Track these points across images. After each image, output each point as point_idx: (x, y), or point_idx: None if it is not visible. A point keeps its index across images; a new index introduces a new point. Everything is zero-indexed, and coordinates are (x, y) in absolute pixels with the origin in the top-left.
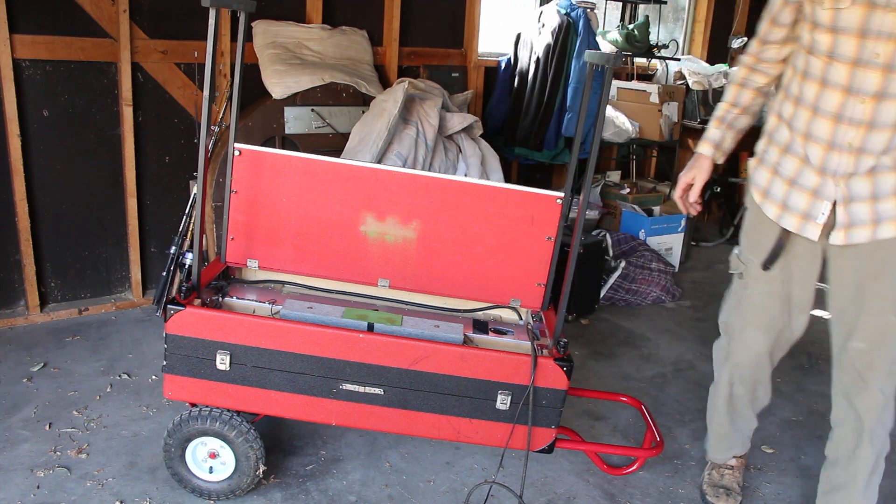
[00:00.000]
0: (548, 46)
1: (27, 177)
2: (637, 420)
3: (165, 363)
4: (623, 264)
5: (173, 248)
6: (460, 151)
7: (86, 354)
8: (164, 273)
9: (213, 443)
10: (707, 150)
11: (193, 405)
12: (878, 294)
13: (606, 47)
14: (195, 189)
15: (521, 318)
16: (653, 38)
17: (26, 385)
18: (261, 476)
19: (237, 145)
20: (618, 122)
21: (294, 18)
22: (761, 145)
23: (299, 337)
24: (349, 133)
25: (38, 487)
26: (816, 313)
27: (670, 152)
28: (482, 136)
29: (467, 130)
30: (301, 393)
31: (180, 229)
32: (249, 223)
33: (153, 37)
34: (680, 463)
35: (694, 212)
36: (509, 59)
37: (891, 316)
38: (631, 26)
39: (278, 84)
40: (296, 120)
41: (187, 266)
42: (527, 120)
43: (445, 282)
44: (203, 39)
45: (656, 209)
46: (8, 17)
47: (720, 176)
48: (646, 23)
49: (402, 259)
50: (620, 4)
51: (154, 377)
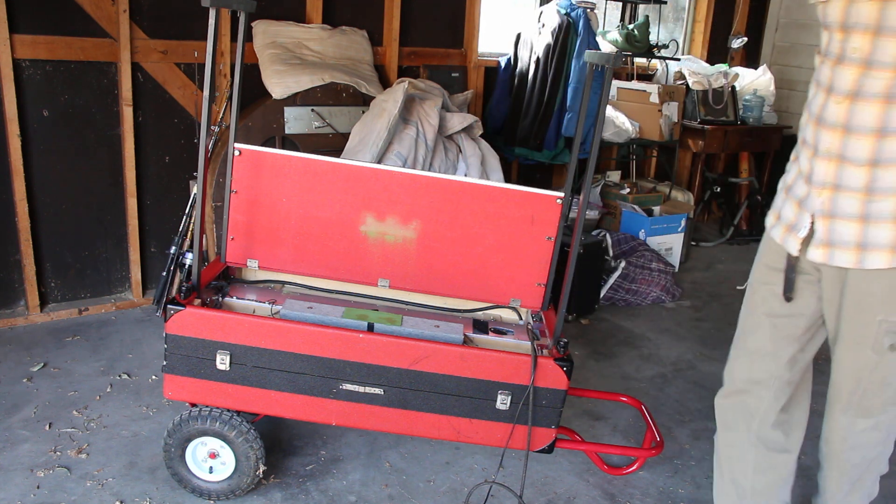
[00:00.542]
0: (548, 46)
1: (27, 177)
2: (637, 420)
3: (165, 363)
4: (623, 264)
5: (173, 248)
6: (460, 151)
7: (86, 354)
8: (164, 273)
9: (213, 443)
10: None
11: (193, 405)
12: (857, 326)
13: (606, 47)
14: (195, 189)
15: (521, 318)
16: (653, 38)
17: (26, 385)
18: (261, 476)
19: (237, 145)
20: (618, 122)
21: (294, 18)
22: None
23: (299, 337)
24: (349, 133)
25: (38, 487)
26: None
27: (670, 152)
28: (482, 136)
29: (467, 130)
30: (301, 393)
31: (180, 229)
32: (249, 223)
33: (153, 37)
34: (680, 463)
35: None
36: (509, 59)
37: (867, 351)
38: (631, 26)
39: (278, 84)
40: (296, 120)
41: (187, 266)
42: (527, 120)
43: (445, 282)
44: (203, 39)
45: (656, 209)
46: (8, 17)
47: (720, 176)
48: (646, 23)
49: (402, 259)
50: (620, 4)
51: (154, 377)
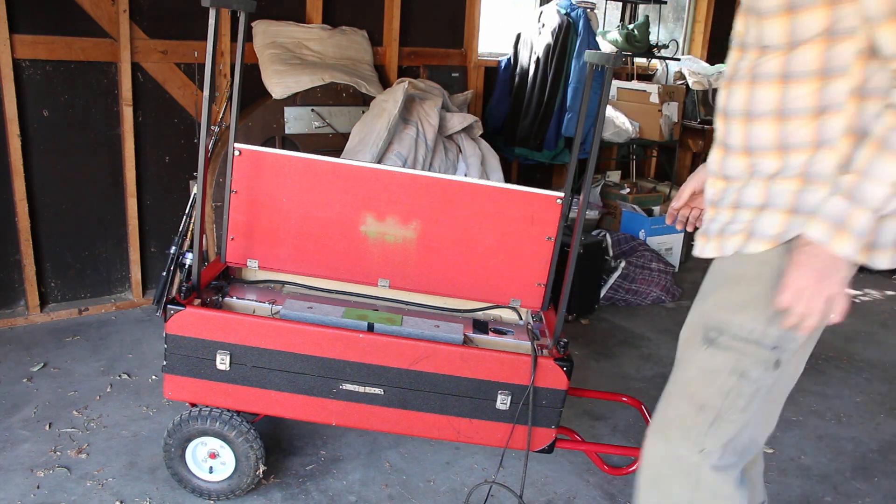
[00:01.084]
0: (548, 46)
1: (27, 177)
2: (637, 420)
3: (165, 363)
4: (623, 264)
5: (173, 248)
6: (460, 151)
7: (86, 354)
8: (164, 273)
9: (213, 443)
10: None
11: (193, 405)
12: (694, 314)
13: (606, 47)
14: (195, 189)
15: (521, 318)
16: (653, 38)
17: (26, 385)
18: (261, 476)
19: (237, 145)
20: (618, 122)
21: (294, 18)
22: None
23: (299, 337)
24: (349, 133)
25: (38, 487)
26: None
27: (670, 152)
28: (482, 136)
29: (467, 130)
30: (301, 393)
31: (180, 229)
32: (249, 223)
33: (153, 37)
34: None
35: (680, 226)
36: (509, 59)
37: (687, 350)
38: (631, 26)
39: (278, 84)
40: (296, 120)
41: (187, 266)
42: (527, 120)
43: (445, 282)
44: (203, 39)
45: (656, 209)
46: (8, 17)
47: None
48: (646, 23)
49: (402, 259)
50: (620, 4)
51: (154, 377)
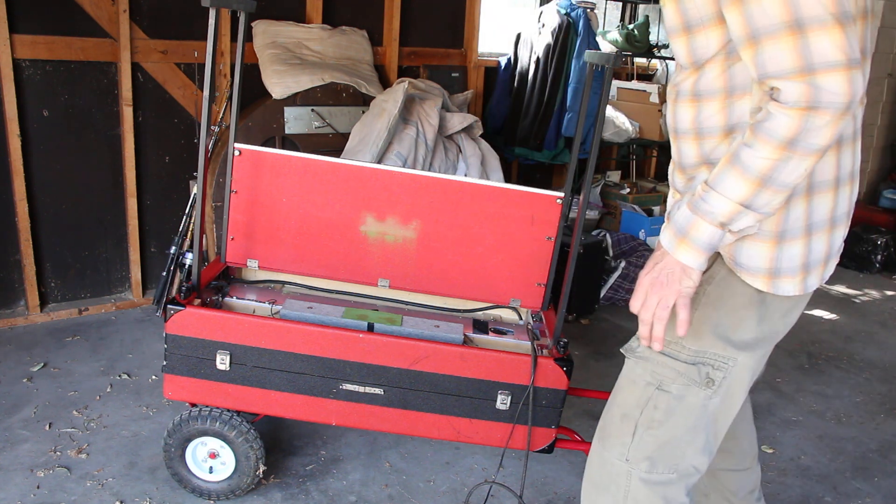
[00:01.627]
0: (548, 46)
1: (27, 177)
2: None
3: (165, 363)
4: (623, 264)
5: (173, 248)
6: (460, 151)
7: (86, 354)
8: (164, 273)
9: (213, 443)
10: None
11: (193, 405)
12: None
13: (606, 47)
14: (195, 189)
15: (521, 318)
16: (653, 38)
17: (26, 385)
18: (261, 476)
19: (237, 145)
20: (618, 122)
21: (294, 18)
22: None
23: (299, 337)
24: (349, 133)
25: (38, 487)
26: (816, 313)
27: (670, 152)
28: (482, 136)
29: (467, 130)
30: (301, 393)
31: (180, 229)
32: (249, 223)
33: (153, 37)
34: None
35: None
36: (509, 59)
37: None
38: (631, 26)
39: (278, 84)
40: (296, 120)
41: (187, 266)
42: (527, 120)
43: (445, 282)
44: (203, 39)
45: (656, 209)
46: (8, 17)
47: None
48: (646, 23)
49: (402, 259)
50: (620, 4)
51: (154, 377)
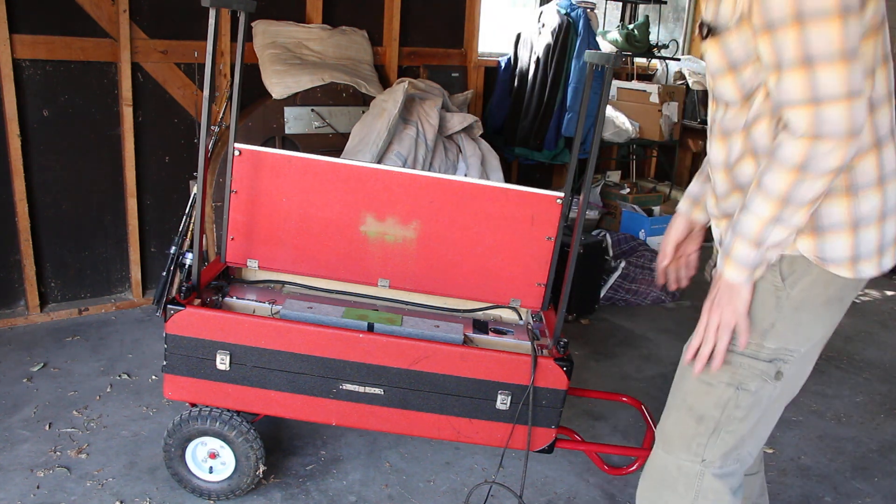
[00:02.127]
0: (548, 46)
1: (27, 177)
2: (637, 420)
3: (165, 363)
4: (623, 264)
5: (173, 248)
6: (460, 151)
7: (86, 354)
8: (164, 273)
9: (213, 443)
10: (682, 207)
11: (193, 405)
12: None
13: (606, 47)
14: (195, 189)
15: (521, 318)
16: (653, 38)
17: (26, 385)
18: (261, 476)
19: (237, 145)
20: (618, 122)
21: (294, 18)
22: None
23: (299, 337)
24: (349, 133)
25: (38, 487)
26: None
27: (670, 152)
28: (482, 136)
29: (467, 130)
30: (301, 393)
31: (180, 229)
32: (249, 223)
33: (153, 37)
34: None
35: (675, 285)
36: (509, 59)
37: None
38: (631, 26)
39: (278, 84)
40: (296, 120)
41: (187, 266)
42: (527, 120)
43: (445, 282)
44: (203, 39)
45: (656, 209)
46: (8, 17)
47: None
48: (646, 23)
49: (402, 259)
50: (620, 4)
51: (154, 377)
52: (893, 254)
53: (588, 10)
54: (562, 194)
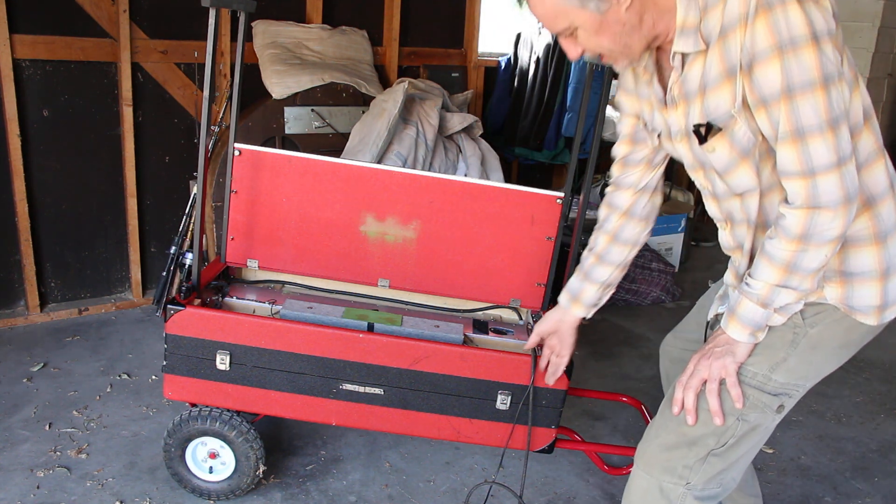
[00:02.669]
0: (548, 46)
1: (27, 177)
2: (637, 420)
3: (165, 363)
4: None
5: (173, 248)
6: (460, 151)
7: (86, 354)
8: (164, 273)
9: (213, 443)
10: (563, 301)
11: (193, 405)
12: None
13: None
14: (195, 189)
15: (521, 318)
16: None
17: (26, 385)
18: (261, 476)
19: (237, 145)
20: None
21: (294, 18)
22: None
23: (299, 337)
24: (349, 133)
25: (38, 487)
26: None
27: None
28: (482, 136)
29: (467, 130)
30: (301, 393)
31: (180, 229)
32: (249, 223)
33: (153, 37)
34: None
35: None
36: (509, 59)
37: None
38: None
39: (278, 84)
40: (296, 120)
41: (187, 266)
42: (527, 120)
43: (445, 282)
44: (203, 39)
45: None
46: (8, 17)
47: None
48: None
49: (402, 259)
50: None
51: (154, 377)
52: None
53: None
54: (562, 194)
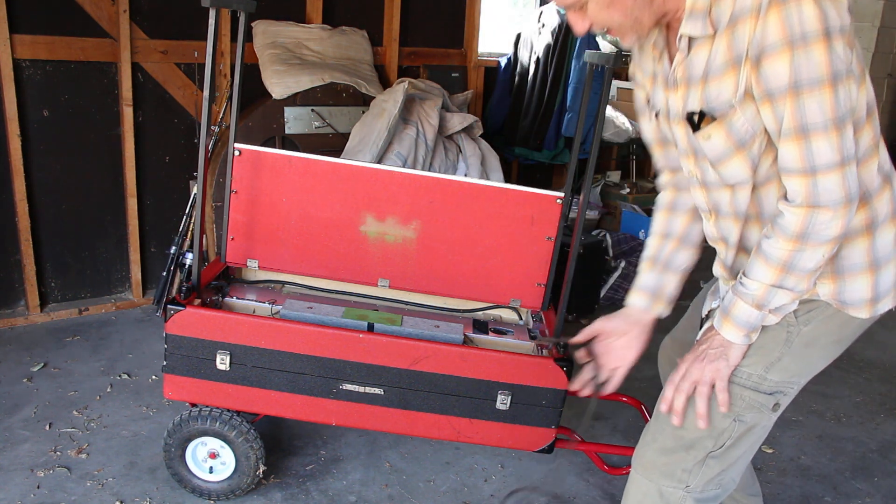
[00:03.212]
0: (548, 46)
1: (27, 177)
2: (637, 420)
3: (165, 363)
4: (623, 264)
5: (173, 248)
6: (460, 151)
7: (86, 354)
8: (164, 273)
9: (214, 443)
10: (641, 302)
11: (193, 405)
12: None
13: (606, 47)
14: (195, 189)
15: (521, 318)
16: None
17: (26, 385)
18: (261, 476)
19: (237, 145)
20: (618, 122)
21: (294, 18)
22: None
23: (299, 337)
24: (349, 133)
25: (38, 487)
26: None
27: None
28: (482, 136)
29: (467, 130)
30: (301, 393)
31: (180, 229)
32: (249, 223)
33: (153, 37)
34: None
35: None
36: (509, 59)
37: None
38: None
39: (278, 84)
40: (296, 120)
41: (187, 266)
42: (527, 120)
43: (445, 282)
44: (203, 39)
45: None
46: (8, 17)
47: None
48: None
49: (402, 259)
50: None
51: (154, 377)
52: None
53: None
54: (562, 194)
